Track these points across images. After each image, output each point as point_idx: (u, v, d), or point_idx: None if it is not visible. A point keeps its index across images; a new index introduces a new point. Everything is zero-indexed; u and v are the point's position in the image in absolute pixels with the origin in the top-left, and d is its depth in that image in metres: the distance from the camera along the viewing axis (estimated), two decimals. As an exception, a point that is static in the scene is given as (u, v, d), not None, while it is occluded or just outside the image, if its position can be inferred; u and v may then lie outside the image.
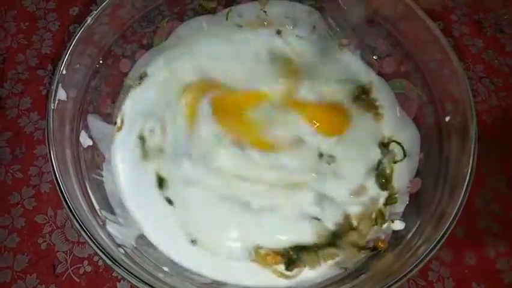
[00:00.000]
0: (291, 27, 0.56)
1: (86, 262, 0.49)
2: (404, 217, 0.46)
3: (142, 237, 0.45)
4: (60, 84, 0.42)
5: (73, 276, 0.48)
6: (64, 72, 0.43)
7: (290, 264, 0.44)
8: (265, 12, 0.56)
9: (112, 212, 0.45)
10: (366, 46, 0.54)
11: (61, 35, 0.61)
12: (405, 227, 0.45)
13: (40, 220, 0.51)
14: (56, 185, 0.38)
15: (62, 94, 0.43)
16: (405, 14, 0.49)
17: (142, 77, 0.53)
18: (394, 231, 0.45)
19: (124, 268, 0.35)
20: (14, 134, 0.55)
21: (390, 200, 0.48)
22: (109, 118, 0.51)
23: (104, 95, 0.50)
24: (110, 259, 0.35)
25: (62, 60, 0.43)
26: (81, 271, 0.48)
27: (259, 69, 0.53)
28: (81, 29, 0.44)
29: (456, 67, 0.45)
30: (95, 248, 0.36)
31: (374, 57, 0.54)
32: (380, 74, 0.54)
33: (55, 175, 0.39)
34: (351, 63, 0.55)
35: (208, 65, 0.53)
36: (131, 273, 0.35)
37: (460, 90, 0.45)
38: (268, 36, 0.56)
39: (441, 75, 0.47)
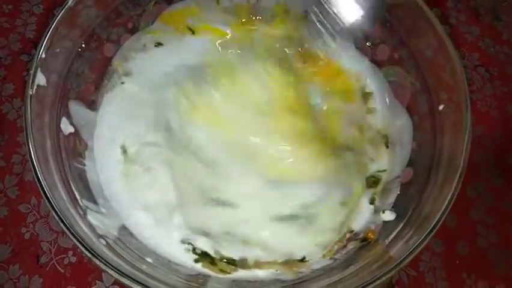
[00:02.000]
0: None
1: (70, 252, 0.47)
2: (394, 207, 0.45)
3: (124, 228, 0.44)
4: (39, 69, 0.41)
5: (57, 267, 0.47)
6: (43, 56, 0.41)
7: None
8: None
9: (94, 202, 0.43)
10: (359, 32, 0.53)
11: (45, 19, 0.59)
12: (396, 217, 0.44)
13: (23, 209, 0.49)
14: (34, 173, 0.37)
15: (41, 79, 0.41)
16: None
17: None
18: (384, 222, 0.44)
19: (105, 260, 0.34)
20: (-4, 121, 0.53)
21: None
22: (93, 105, 0.49)
23: (88, 80, 0.48)
24: (89, 251, 0.34)
25: (41, 44, 0.41)
26: (65, 261, 0.47)
27: None
28: (61, 10, 0.42)
29: (452, 55, 0.44)
30: (73, 239, 0.35)
31: (367, 43, 0.53)
32: (373, 61, 0.53)
33: (33, 164, 0.37)
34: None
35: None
36: (111, 265, 0.34)
37: (455, 79, 0.44)
38: None
39: (436, 63, 0.46)
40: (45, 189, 0.36)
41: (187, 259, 0.44)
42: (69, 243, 0.48)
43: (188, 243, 0.44)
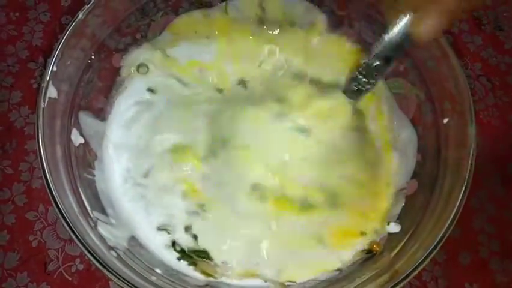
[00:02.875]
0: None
1: (78, 260, 0.48)
2: (399, 219, 0.45)
3: (134, 238, 0.44)
4: (51, 82, 0.41)
5: (65, 275, 0.47)
6: (55, 69, 0.41)
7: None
8: (263, 8, 0.54)
9: (104, 213, 0.44)
10: (364, 43, 0.53)
11: (53, 27, 0.59)
12: (401, 229, 0.44)
13: (31, 217, 0.50)
14: (46, 186, 0.37)
15: (52, 92, 0.41)
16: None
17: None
18: (390, 234, 0.45)
19: (116, 272, 0.34)
20: (4, 129, 0.54)
21: None
22: (101, 114, 0.49)
23: (97, 89, 0.49)
24: (101, 263, 0.35)
25: (52, 57, 0.41)
26: (73, 269, 0.48)
27: None
28: (72, 22, 0.43)
29: (455, 66, 0.44)
30: (85, 251, 0.35)
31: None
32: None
33: (45, 176, 0.37)
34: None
35: None
36: (123, 278, 0.34)
37: (458, 90, 0.44)
38: None
39: (440, 73, 0.46)
40: (58, 202, 0.37)
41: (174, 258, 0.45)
42: (76, 251, 0.48)
43: (164, 229, 0.45)
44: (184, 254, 0.45)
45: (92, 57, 0.47)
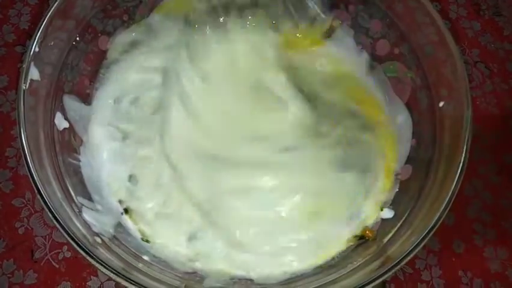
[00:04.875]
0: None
1: (65, 247, 0.47)
2: (393, 205, 0.45)
3: (120, 225, 0.43)
4: (32, 63, 0.40)
5: (52, 262, 0.47)
6: (37, 49, 0.40)
7: None
8: None
9: (90, 199, 0.43)
10: (359, 27, 0.52)
11: (40, 9, 0.58)
12: (394, 215, 0.43)
13: (18, 204, 0.49)
14: (27, 170, 0.36)
15: (34, 73, 0.40)
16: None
17: None
18: (383, 220, 0.44)
19: (98, 258, 0.33)
20: (-10, 114, 0.52)
21: None
22: (87, 98, 0.48)
23: (83, 73, 0.47)
24: (83, 249, 0.34)
25: (34, 37, 0.40)
26: (60, 256, 0.47)
27: None
28: (55, 3, 0.41)
29: (452, 51, 0.43)
30: (67, 237, 0.34)
31: (367, 38, 0.52)
32: (372, 56, 0.52)
33: (26, 161, 0.36)
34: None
35: None
36: (106, 264, 0.33)
37: (455, 76, 0.43)
38: None
39: (437, 58, 0.45)
40: (39, 186, 0.36)
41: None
42: (64, 238, 0.46)
43: None
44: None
45: (77, 38, 0.45)
